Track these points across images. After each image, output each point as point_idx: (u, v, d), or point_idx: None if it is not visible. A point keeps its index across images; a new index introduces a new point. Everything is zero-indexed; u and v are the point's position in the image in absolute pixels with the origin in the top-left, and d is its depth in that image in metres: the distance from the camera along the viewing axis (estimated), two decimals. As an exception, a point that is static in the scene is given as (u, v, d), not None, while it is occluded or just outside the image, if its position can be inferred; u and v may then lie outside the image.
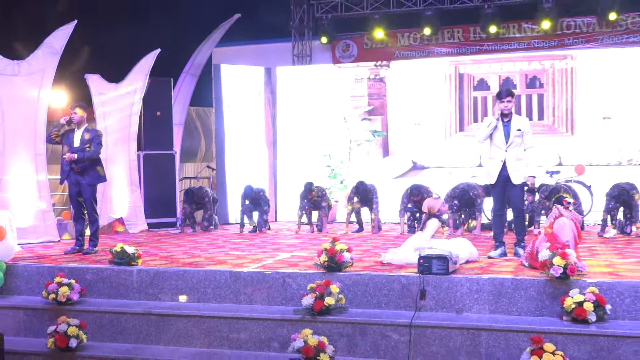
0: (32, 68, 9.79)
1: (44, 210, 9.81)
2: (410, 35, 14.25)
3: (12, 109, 9.58)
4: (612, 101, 12.32)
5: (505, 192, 7.39)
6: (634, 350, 5.16)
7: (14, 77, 9.62)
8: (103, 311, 6.42)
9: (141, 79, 11.87)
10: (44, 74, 9.91)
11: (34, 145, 9.78)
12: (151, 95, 12.11)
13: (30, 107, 9.77)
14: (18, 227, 8.95)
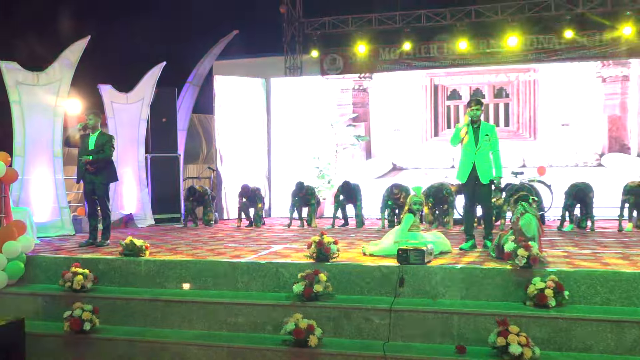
0: (49, 78, 9.77)
1: (61, 207, 9.79)
2: (390, 50, 14.28)
3: (32, 115, 9.56)
4: (570, 110, 12.38)
5: (474, 190, 7.41)
6: (588, 332, 5.20)
7: (33, 86, 9.61)
8: (114, 297, 6.40)
9: (149, 89, 11.86)
10: (61, 84, 9.88)
11: (51, 148, 9.75)
12: (157, 104, 12.10)
13: (48, 113, 9.74)
14: (37, 222, 8.94)
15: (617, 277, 5.56)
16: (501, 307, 5.54)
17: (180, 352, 5.69)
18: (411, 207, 7.38)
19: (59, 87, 9.87)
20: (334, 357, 5.33)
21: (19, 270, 6.91)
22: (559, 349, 5.20)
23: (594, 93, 12.26)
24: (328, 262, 6.31)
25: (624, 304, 5.48)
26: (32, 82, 9.62)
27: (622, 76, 12.17)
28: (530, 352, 4.89)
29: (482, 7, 13.48)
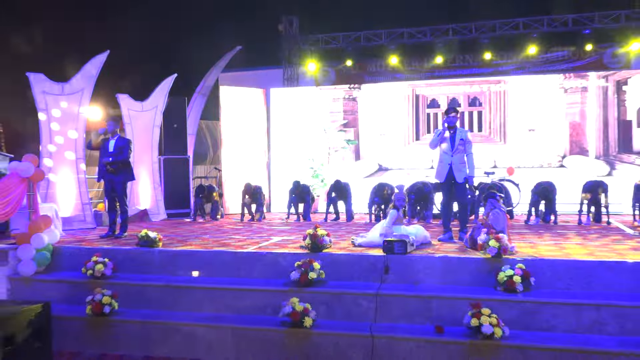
0: (73, 88, 9.75)
1: (83, 203, 9.78)
2: (377, 64, 14.34)
3: (57, 121, 9.55)
4: (535, 117, 12.42)
5: (451, 188, 7.43)
6: (552, 313, 5.23)
7: (58, 96, 9.59)
8: (131, 284, 6.38)
9: (161, 98, 11.83)
10: (83, 93, 9.86)
11: (74, 151, 9.73)
12: (169, 111, 12.09)
13: (71, 120, 9.73)
14: (62, 217, 8.92)
15: (577, 265, 5.59)
16: (475, 292, 5.55)
17: (190, 332, 5.69)
18: (395, 203, 7.39)
19: (81, 96, 9.85)
20: (327, 336, 5.33)
21: (46, 259, 6.90)
22: (526, 329, 5.22)
23: (556, 102, 12.30)
24: (321, 252, 6.31)
25: (583, 289, 5.51)
26: (57, 92, 9.59)
27: (581, 87, 12.21)
28: (501, 331, 4.92)
29: (458, 26, 13.53)
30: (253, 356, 5.48)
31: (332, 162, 13.44)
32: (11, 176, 7.04)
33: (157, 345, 5.75)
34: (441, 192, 7.85)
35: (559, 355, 4.82)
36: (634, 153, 11.88)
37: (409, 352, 5.14)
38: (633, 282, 5.43)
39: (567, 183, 11.08)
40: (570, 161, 12.22)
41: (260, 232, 8.96)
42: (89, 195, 10.09)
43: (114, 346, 5.85)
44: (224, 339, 5.58)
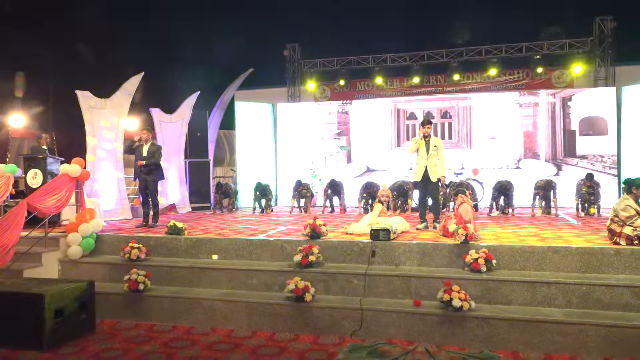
0: (113, 104, 9.72)
1: (122, 198, 9.74)
2: (365, 83, 14.28)
3: (100, 131, 9.52)
4: (496, 127, 12.39)
5: (426, 186, 7.41)
6: (510, 290, 5.21)
7: (102, 109, 9.58)
8: (161, 265, 6.35)
9: (187, 111, 11.82)
10: (122, 108, 9.84)
11: (115, 155, 9.70)
12: (193, 122, 12.09)
13: (112, 129, 9.69)
14: (104, 210, 8.88)
15: (530, 249, 5.57)
16: (446, 272, 5.54)
17: (210, 305, 5.65)
18: (380, 198, 7.37)
19: (120, 110, 9.83)
20: (324, 309, 5.30)
21: (91, 245, 6.86)
22: (489, 303, 5.21)
23: (513, 115, 12.27)
24: (319, 239, 6.29)
25: (536, 269, 5.50)
26: (100, 107, 9.57)
27: (533, 103, 12.18)
28: (468, 304, 4.90)
29: (432, 52, 13.50)
30: (263, 325, 5.45)
31: (328, 164, 13.39)
32: (62, 176, 7.00)
33: (182, 316, 5.72)
34: (418, 190, 7.83)
35: (515, 324, 4.79)
36: (577, 157, 11.85)
37: (392, 322, 5.11)
38: (577, 263, 5.42)
39: (522, 182, 11.06)
40: (525, 163, 12.19)
41: (268, 222, 8.92)
42: (126, 191, 10.06)
43: (147, 317, 5.81)
44: (238, 311, 5.55)
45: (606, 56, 12.47)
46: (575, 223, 8.06)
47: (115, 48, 15.87)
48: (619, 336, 4.54)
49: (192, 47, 16.87)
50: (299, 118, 13.61)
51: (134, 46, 16.05)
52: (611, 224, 5.75)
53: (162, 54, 16.80)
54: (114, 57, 15.49)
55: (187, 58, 16.82)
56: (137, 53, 15.65)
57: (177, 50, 16.84)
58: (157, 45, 16.80)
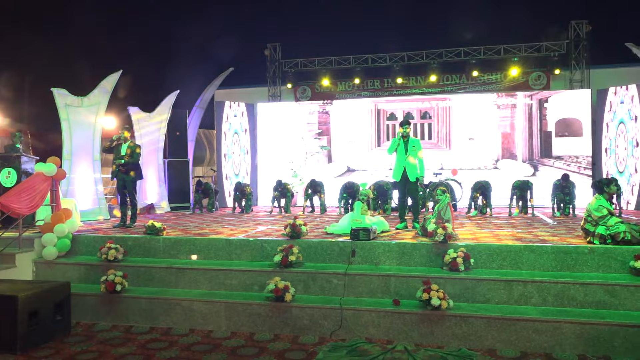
0: (90, 102, 9.56)
1: (99, 197, 9.58)
2: (345, 84, 14.31)
3: (77, 129, 9.36)
4: (474, 128, 12.55)
5: (405, 186, 7.46)
6: (487, 288, 5.27)
7: (78, 107, 9.41)
8: (139, 266, 6.26)
9: (166, 110, 11.68)
10: (99, 106, 9.68)
11: (92, 154, 9.54)
12: (173, 121, 11.94)
13: (89, 128, 9.54)
14: (81, 209, 8.74)
15: (507, 249, 5.64)
16: (425, 271, 5.57)
17: (189, 306, 5.60)
18: (360, 198, 7.39)
19: (98, 108, 9.67)
20: (303, 309, 5.29)
21: (66, 245, 6.74)
22: (467, 301, 5.26)
23: (491, 116, 12.44)
24: (299, 238, 6.27)
25: (512, 268, 5.57)
26: (77, 105, 9.40)
27: (511, 104, 12.36)
28: (446, 303, 4.94)
29: (412, 53, 13.59)
30: (242, 325, 5.42)
31: (309, 164, 13.39)
32: (37, 175, 6.86)
33: (160, 317, 5.65)
34: (397, 189, 7.87)
35: (493, 322, 4.85)
36: (553, 157, 12.07)
37: (372, 321, 5.12)
38: (552, 262, 5.51)
39: (500, 182, 11.22)
40: (502, 164, 12.37)
41: (248, 222, 8.88)
42: (103, 191, 9.91)
43: (125, 318, 5.72)
44: (217, 312, 5.50)
45: (581, 59, 12.73)
46: (551, 223, 8.20)
47: (93, 46, 15.62)
48: (593, 333, 4.63)
49: (172, 45, 16.71)
50: (279, 118, 13.58)
51: (112, 44, 15.82)
52: (585, 224, 5.86)
53: (141, 52, 16.59)
54: (91, 54, 15.25)
55: (166, 56, 16.64)
56: (116, 51, 15.43)
57: (156, 48, 16.65)
58: (136, 44, 16.59)
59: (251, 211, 11.14)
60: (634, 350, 4.52)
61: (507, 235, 6.66)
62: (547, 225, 7.89)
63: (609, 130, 11.62)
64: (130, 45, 16.45)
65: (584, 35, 12.70)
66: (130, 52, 16.04)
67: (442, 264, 5.59)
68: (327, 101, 13.58)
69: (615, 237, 5.52)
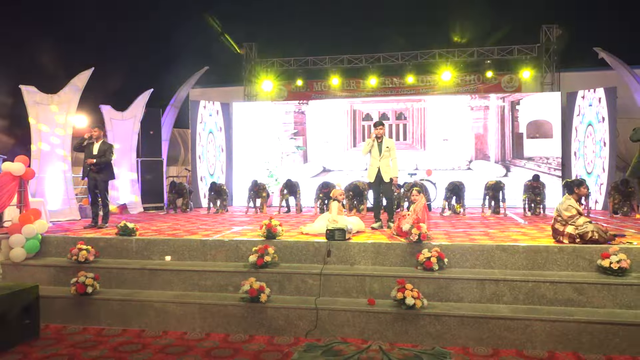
0: (61, 100, 9.36)
1: (69, 198, 9.38)
2: (321, 84, 14.33)
3: (46, 128, 9.14)
4: (448, 129, 12.71)
5: (380, 187, 7.51)
6: (461, 287, 5.35)
7: (48, 105, 9.20)
8: (111, 267, 6.15)
9: (139, 109, 11.51)
10: (70, 104, 9.48)
11: (62, 153, 9.32)
12: (146, 120, 11.78)
13: (59, 126, 9.33)
14: (50, 210, 8.54)
15: (480, 248, 5.73)
16: (400, 271, 5.62)
17: (162, 308, 5.52)
18: (336, 197, 7.41)
19: (69, 106, 9.47)
20: (279, 309, 5.28)
21: (35, 247, 6.58)
22: (441, 300, 5.33)
23: (465, 117, 12.62)
24: (275, 239, 6.26)
25: (485, 267, 5.67)
26: (47, 102, 9.19)
27: (484, 106, 12.57)
28: (420, 302, 4.99)
29: (387, 54, 13.70)
30: (217, 327, 5.37)
31: (285, 164, 13.36)
32: (4, 175, 6.68)
33: (133, 320, 5.56)
34: (372, 190, 7.93)
35: (466, 321, 4.93)
36: (524, 159, 12.32)
37: (347, 321, 5.15)
38: (523, 261, 5.62)
39: (473, 182, 11.38)
40: (476, 165, 12.57)
41: (223, 222, 8.81)
42: (74, 191, 9.70)
43: (96, 321, 5.62)
44: (191, 313, 5.45)
45: (552, 62, 13.03)
46: (523, 222, 8.37)
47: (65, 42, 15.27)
48: (562, 330, 4.75)
49: (146, 43, 16.45)
50: (255, 117, 13.51)
51: (84, 41, 15.49)
52: (555, 223, 6.00)
53: (114, 50, 16.28)
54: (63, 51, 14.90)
55: (140, 54, 16.37)
56: (88, 48, 15.12)
57: (129, 45, 16.36)
58: (109, 41, 16.28)
59: (226, 211, 11.06)
60: (601, 346, 4.65)
61: (480, 234, 6.77)
62: (518, 224, 8.04)
63: (578, 132, 11.93)
64: (103, 43, 16.14)
65: (554, 39, 13.00)
66: (102, 49, 15.73)
67: (416, 263, 5.64)
68: (303, 101, 13.57)
69: (584, 237, 5.67)
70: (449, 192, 10.16)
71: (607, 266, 5.20)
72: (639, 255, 5.36)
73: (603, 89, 11.29)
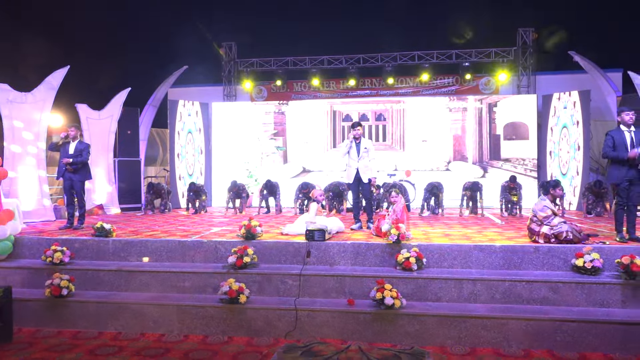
0: (35, 98, 9.15)
1: (44, 198, 9.18)
2: (302, 84, 14.32)
3: (20, 126, 8.93)
4: (427, 130, 12.82)
5: (359, 187, 7.53)
6: (439, 287, 5.40)
7: (22, 104, 8.99)
8: (87, 269, 6.05)
9: (117, 108, 11.34)
10: (45, 102, 9.27)
11: (36, 152, 9.12)
12: (124, 119, 11.61)
13: (34, 125, 9.12)
14: (24, 211, 8.35)
15: (458, 248, 5.80)
16: (379, 271, 5.65)
17: (139, 310, 5.45)
18: (315, 198, 7.41)
19: (43, 105, 9.26)
20: (258, 310, 5.26)
21: (8, 248, 6.42)
22: (419, 300, 5.37)
23: (443, 119, 12.75)
24: (254, 239, 6.24)
25: (462, 267, 5.73)
26: (21, 101, 8.97)
27: (462, 108, 12.72)
28: (399, 302, 5.03)
29: (367, 55, 13.76)
30: (195, 329, 5.33)
31: (264, 164, 13.31)
32: (-25, 174, 6.51)
33: (109, 322, 5.48)
34: (351, 190, 7.95)
35: (444, 320, 4.98)
36: (502, 160, 12.51)
37: (326, 322, 5.15)
38: (500, 260, 5.70)
39: (452, 183, 11.50)
40: (454, 166, 12.70)
41: (202, 223, 8.73)
42: (49, 191, 9.50)
43: (71, 324, 5.51)
44: (169, 315, 5.39)
45: (528, 65, 13.26)
46: (500, 223, 8.50)
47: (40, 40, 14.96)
48: (537, 329, 4.83)
49: (124, 41, 16.22)
50: (234, 117, 13.43)
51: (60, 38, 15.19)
52: (530, 224, 6.11)
53: (91, 48, 16.00)
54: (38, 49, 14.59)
55: (118, 53, 16.13)
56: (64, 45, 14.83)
57: (107, 43, 16.11)
58: (86, 39, 15.99)
59: (205, 212, 10.97)
60: (575, 344, 4.75)
61: (458, 235, 6.85)
62: (495, 225, 8.16)
63: (553, 134, 12.15)
64: (79, 41, 15.85)
65: (530, 43, 13.23)
66: (79, 47, 15.45)
67: (395, 263, 5.68)
68: (283, 101, 13.54)
69: (559, 237, 5.78)
70: (427, 192, 10.25)
71: (581, 265, 5.31)
72: (611, 255, 5.48)
73: (577, 92, 11.53)
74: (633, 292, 5.11)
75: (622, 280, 5.14)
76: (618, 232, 6.11)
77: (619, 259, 5.25)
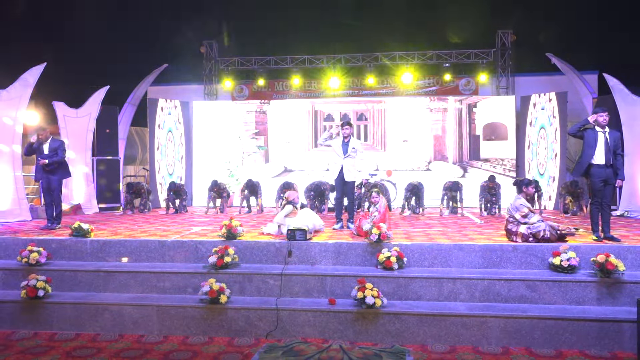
0: (10, 95, 8.96)
1: (20, 198, 8.99)
2: (283, 84, 14.31)
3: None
4: (408, 130, 12.90)
5: (342, 186, 7.55)
6: (419, 286, 5.44)
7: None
8: (64, 269, 5.94)
9: (95, 106, 11.16)
10: (20, 100, 9.08)
11: (11, 151, 8.93)
12: (102, 118, 11.43)
13: (9, 123, 8.92)
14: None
15: (438, 247, 5.85)
16: (360, 271, 5.66)
17: (118, 311, 5.38)
18: (289, 199, 7.36)
19: (19, 102, 9.07)
20: (239, 310, 5.24)
21: (-18, 249, 6.27)
22: (400, 299, 5.40)
23: (424, 119, 12.85)
24: (235, 239, 6.20)
25: (443, 266, 5.79)
26: (-6, 98, 8.77)
27: (442, 108, 12.84)
28: (380, 301, 5.05)
29: (348, 55, 13.81)
30: (175, 329, 5.27)
31: (246, 164, 13.25)
32: (-52, 173, 6.34)
33: (87, 323, 5.39)
34: (335, 189, 7.96)
35: (424, 319, 5.02)
36: (481, 160, 12.66)
37: (308, 321, 5.15)
38: (479, 259, 5.77)
39: (432, 183, 11.60)
40: (434, 166, 12.81)
41: (182, 223, 8.65)
42: (25, 191, 9.31)
43: (48, 325, 5.41)
44: (149, 316, 5.32)
45: (507, 67, 13.46)
46: (479, 222, 8.60)
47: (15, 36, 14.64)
48: (516, 326, 4.90)
49: (103, 38, 15.96)
50: (215, 116, 13.34)
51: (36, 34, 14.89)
52: (507, 224, 6.19)
53: (69, 45, 15.71)
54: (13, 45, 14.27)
55: (96, 49, 15.86)
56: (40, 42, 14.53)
57: (85, 41, 15.82)
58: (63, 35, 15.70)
59: (185, 212, 10.87)
60: (552, 341, 4.84)
61: (438, 234, 6.91)
62: (475, 224, 8.25)
63: (531, 134, 12.35)
64: (57, 37, 15.54)
65: (509, 45, 13.43)
66: (56, 44, 15.15)
67: (376, 263, 5.70)
68: (264, 101, 13.50)
69: (536, 235, 5.88)
70: (408, 192, 10.31)
71: (557, 264, 5.40)
72: (587, 253, 5.59)
73: (555, 93, 11.74)
74: (608, 290, 5.22)
75: (597, 278, 5.25)
76: (594, 231, 6.23)
77: (595, 257, 5.36)
